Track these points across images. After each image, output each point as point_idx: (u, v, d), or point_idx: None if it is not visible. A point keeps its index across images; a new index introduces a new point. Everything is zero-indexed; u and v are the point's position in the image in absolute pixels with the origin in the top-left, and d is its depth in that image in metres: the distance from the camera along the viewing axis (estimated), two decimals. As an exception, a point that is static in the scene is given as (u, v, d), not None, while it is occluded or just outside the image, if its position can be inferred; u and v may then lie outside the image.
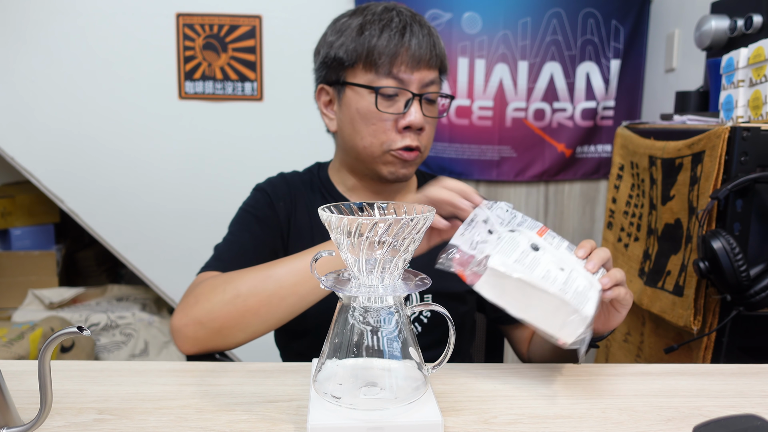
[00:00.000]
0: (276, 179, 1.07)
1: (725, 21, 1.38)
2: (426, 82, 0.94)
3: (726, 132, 1.05)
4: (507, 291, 0.70)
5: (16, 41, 2.04)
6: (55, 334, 0.53)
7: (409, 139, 0.94)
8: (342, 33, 0.95)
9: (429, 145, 1.00)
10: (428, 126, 0.97)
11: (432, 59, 0.94)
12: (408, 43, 0.92)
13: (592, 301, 0.68)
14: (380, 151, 0.95)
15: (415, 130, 0.95)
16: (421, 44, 0.92)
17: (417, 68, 0.93)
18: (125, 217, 2.18)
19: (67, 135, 2.11)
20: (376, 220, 0.56)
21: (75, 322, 2.24)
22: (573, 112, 2.23)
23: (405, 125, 0.93)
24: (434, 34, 0.96)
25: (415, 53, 0.92)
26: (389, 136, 0.94)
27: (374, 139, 0.95)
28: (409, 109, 0.93)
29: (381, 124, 0.94)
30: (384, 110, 0.93)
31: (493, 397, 0.71)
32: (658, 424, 0.65)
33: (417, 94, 0.93)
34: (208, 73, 2.13)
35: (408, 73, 0.92)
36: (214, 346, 0.85)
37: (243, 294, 0.81)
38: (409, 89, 0.93)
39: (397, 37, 0.92)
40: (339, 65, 0.95)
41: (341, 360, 0.62)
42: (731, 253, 0.98)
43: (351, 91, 0.95)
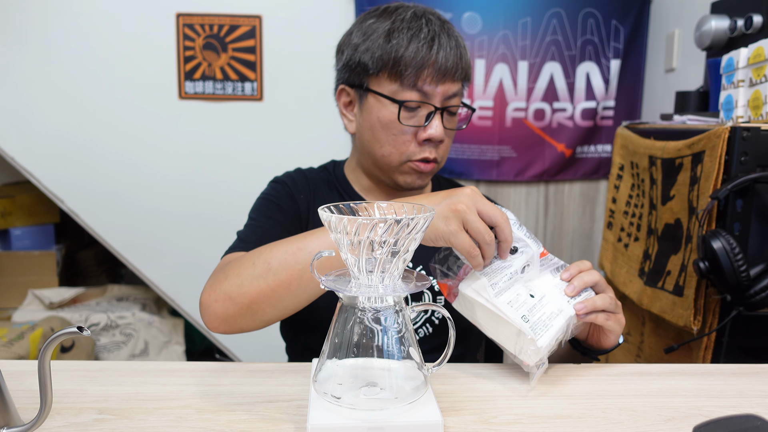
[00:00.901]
0: (294, 173, 1.07)
1: (725, 21, 1.38)
2: (449, 94, 0.94)
3: (726, 132, 1.05)
4: (477, 313, 0.75)
5: (16, 41, 2.04)
6: (55, 334, 0.53)
7: (427, 151, 0.95)
8: (368, 37, 0.93)
9: (446, 155, 1.00)
10: (447, 138, 0.97)
11: (458, 72, 0.93)
12: (435, 56, 0.90)
13: (553, 330, 0.72)
14: (398, 161, 0.96)
15: (435, 143, 0.95)
16: (448, 57, 0.91)
17: (442, 81, 0.92)
18: (125, 217, 2.18)
19: (67, 135, 2.11)
20: (376, 220, 0.56)
21: (75, 322, 2.24)
22: (573, 112, 2.23)
23: (425, 138, 0.93)
24: (461, 45, 0.95)
25: (441, 66, 0.91)
26: (408, 147, 0.95)
27: (393, 149, 0.95)
28: (431, 122, 0.93)
29: (402, 136, 0.94)
30: (406, 123, 0.93)
31: (493, 397, 0.71)
32: (658, 424, 0.65)
33: (439, 108, 0.93)
34: (208, 73, 2.13)
35: (432, 85, 0.92)
36: (243, 324, 0.79)
37: (274, 267, 0.76)
38: (432, 102, 0.92)
39: (425, 49, 0.90)
40: (363, 70, 0.94)
41: (341, 360, 0.62)
42: (731, 253, 0.98)
43: (373, 99, 0.94)
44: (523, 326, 0.71)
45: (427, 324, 0.97)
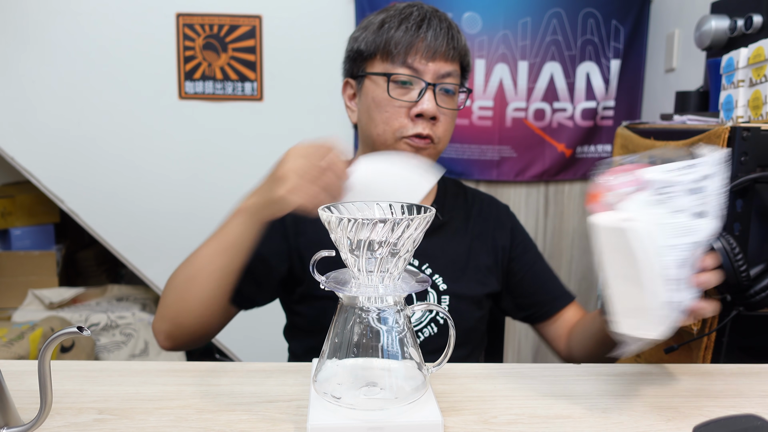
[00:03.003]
0: None
1: (725, 21, 1.38)
2: (442, 73, 0.95)
3: (726, 132, 1.05)
4: (618, 251, 0.59)
5: (16, 41, 2.04)
6: (55, 334, 0.53)
7: (420, 126, 0.95)
8: (366, 29, 0.98)
9: (445, 138, 1.00)
10: (444, 118, 0.97)
11: (449, 51, 0.95)
12: (424, 34, 0.94)
13: (673, 317, 0.63)
14: (393, 138, 0.96)
15: (428, 118, 0.95)
16: (438, 35, 0.94)
17: (432, 59, 0.94)
18: (125, 217, 2.18)
19: (67, 135, 2.11)
20: (376, 220, 0.56)
21: (75, 322, 2.24)
22: (573, 112, 2.23)
23: (417, 113, 0.94)
24: (454, 28, 0.97)
25: (430, 44, 0.93)
26: (401, 122, 0.95)
27: (387, 126, 0.96)
28: (422, 99, 0.94)
29: (394, 111, 0.95)
30: (397, 97, 0.95)
31: (493, 397, 0.71)
32: (658, 424, 0.65)
33: (431, 83, 0.94)
34: (208, 73, 2.13)
35: (423, 63, 0.94)
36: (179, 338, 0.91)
37: (180, 278, 0.89)
38: (423, 78, 0.94)
39: (414, 29, 0.94)
40: (360, 57, 0.98)
41: (341, 360, 0.62)
42: (731, 253, 0.98)
43: (369, 81, 0.98)
44: (661, 299, 0.60)
45: (432, 324, 0.97)
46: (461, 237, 1.05)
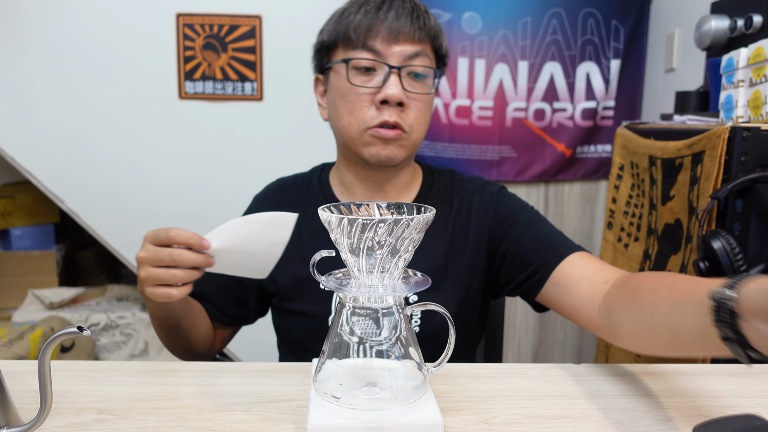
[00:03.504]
0: (270, 189, 1.06)
1: (725, 21, 1.38)
2: (408, 54, 0.88)
3: (726, 132, 1.05)
4: None
5: (16, 41, 2.04)
6: (55, 334, 0.53)
7: (387, 114, 0.88)
8: (329, 21, 0.95)
9: (418, 127, 0.92)
10: (415, 104, 0.90)
11: (414, 32, 0.88)
12: (384, 16, 0.87)
13: None
14: (358, 130, 0.90)
15: (395, 105, 0.88)
16: (400, 16, 0.87)
17: (395, 41, 0.87)
18: (125, 217, 2.18)
19: (67, 135, 2.11)
20: (376, 220, 0.56)
21: (75, 322, 2.24)
22: (573, 112, 2.23)
23: (381, 99, 0.87)
24: (420, 9, 0.90)
25: (392, 25, 0.87)
26: (366, 112, 0.89)
27: (351, 117, 0.90)
28: (387, 83, 0.87)
29: (357, 100, 0.89)
30: (358, 84, 0.89)
31: (493, 397, 0.71)
32: (658, 424, 0.65)
33: (395, 66, 0.88)
34: (208, 73, 2.13)
35: (385, 45, 0.88)
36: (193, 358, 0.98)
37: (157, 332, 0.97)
38: (386, 62, 0.88)
39: (373, 12, 0.88)
40: (324, 50, 0.95)
41: (341, 360, 0.62)
42: (731, 253, 0.98)
43: (333, 73, 0.93)
44: None
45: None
46: (440, 239, 0.97)
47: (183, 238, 0.75)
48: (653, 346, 0.66)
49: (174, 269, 0.75)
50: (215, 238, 0.77)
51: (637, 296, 0.68)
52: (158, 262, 0.75)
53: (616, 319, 0.72)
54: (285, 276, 0.96)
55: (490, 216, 0.97)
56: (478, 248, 0.96)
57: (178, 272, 0.76)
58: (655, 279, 0.68)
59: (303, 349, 0.96)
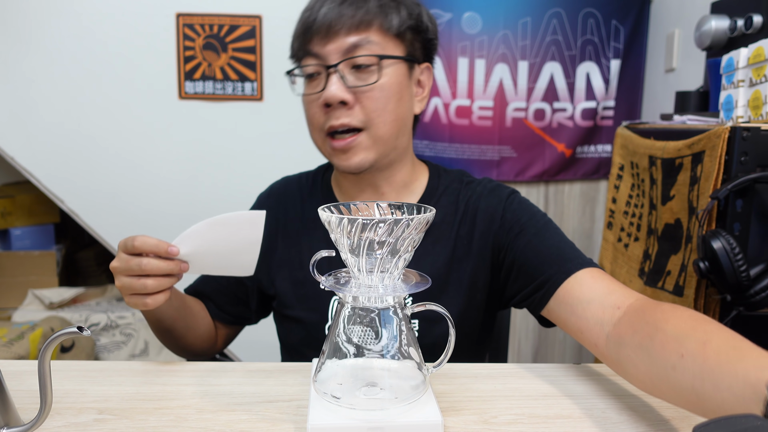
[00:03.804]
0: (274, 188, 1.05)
1: (725, 21, 1.38)
2: (346, 48, 0.83)
3: (726, 132, 1.05)
4: None
5: (16, 41, 2.04)
6: (55, 334, 0.53)
7: (333, 117, 0.84)
8: None
9: (380, 118, 0.85)
10: (367, 96, 0.84)
11: (345, 21, 0.82)
12: (316, 14, 0.83)
13: None
14: (320, 139, 0.88)
15: (339, 105, 0.84)
16: (332, 10, 0.82)
17: (328, 38, 0.83)
18: (125, 217, 2.18)
19: (67, 135, 2.11)
20: (376, 220, 0.56)
21: (75, 322, 2.24)
22: (573, 112, 2.23)
23: (322, 103, 0.84)
24: None
25: (323, 22, 0.82)
26: (319, 119, 0.86)
27: (312, 127, 0.89)
28: (327, 84, 0.83)
29: (310, 108, 0.87)
30: (307, 93, 0.87)
31: (493, 397, 0.71)
32: (658, 424, 0.65)
33: (331, 65, 0.83)
34: (208, 73, 2.13)
35: (320, 45, 0.83)
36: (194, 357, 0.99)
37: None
38: (325, 63, 0.83)
39: (307, 15, 0.85)
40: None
41: (341, 360, 0.62)
42: (731, 253, 0.98)
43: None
44: None
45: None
46: (443, 244, 0.91)
47: (148, 246, 0.74)
48: (667, 396, 0.58)
49: (145, 278, 0.74)
50: (184, 243, 0.75)
51: (658, 338, 0.59)
52: (129, 272, 0.74)
53: (627, 355, 0.64)
54: (283, 279, 0.96)
55: (496, 223, 0.90)
56: (483, 257, 0.90)
57: (149, 281, 0.74)
58: (682, 323, 0.58)
59: (301, 355, 0.96)
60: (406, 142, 0.93)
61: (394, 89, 0.86)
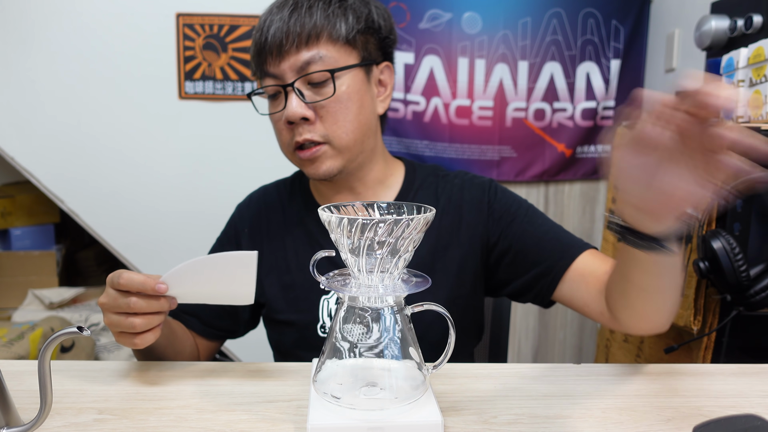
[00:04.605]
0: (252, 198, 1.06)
1: (725, 21, 1.38)
2: (299, 65, 0.83)
3: (726, 132, 1.05)
4: None
5: (16, 41, 2.04)
6: (55, 334, 0.53)
7: (297, 134, 0.86)
8: None
9: (341, 130, 0.86)
10: (326, 110, 0.85)
11: (293, 39, 0.82)
12: (266, 35, 0.83)
13: None
14: (289, 153, 0.91)
15: (300, 122, 0.85)
16: (279, 30, 0.82)
17: (281, 58, 0.83)
18: (125, 217, 2.18)
19: (67, 135, 2.11)
20: (377, 220, 0.56)
21: (75, 322, 2.24)
22: (573, 112, 2.23)
23: (285, 120, 0.86)
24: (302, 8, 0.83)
25: (273, 42, 0.83)
26: (285, 136, 0.89)
27: (280, 143, 0.92)
28: (287, 103, 0.85)
29: (276, 125, 0.90)
30: (271, 112, 0.90)
31: (493, 397, 0.71)
32: (658, 424, 0.65)
33: (287, 84, 0.84)
34: (208, 73, 2.13)
35: (276, 66, 0.84)
36: None
37: None
38: (282, 82, 0.85)
39: (258, 35, 0.85)
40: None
41: (341, 360, 0.62)
42: (731, 253, 0.98)
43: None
44: None
45: None
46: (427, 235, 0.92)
47: (134, 285, 0.69)
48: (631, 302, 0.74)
49: (133, 317, 0.70)
50: (173, 281, 0.70)
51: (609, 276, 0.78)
52: (117, 309, 0.70)
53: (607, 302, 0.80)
54: (271, 285, 0.96)
55: (484, 213, 0.93)
56: (471, 245, 0.93)
57: (137, 320, 0.70)
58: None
59: (295, 357, 0.96)
60: (374, 143, 0.94)
61: (353, 97, 0.87)
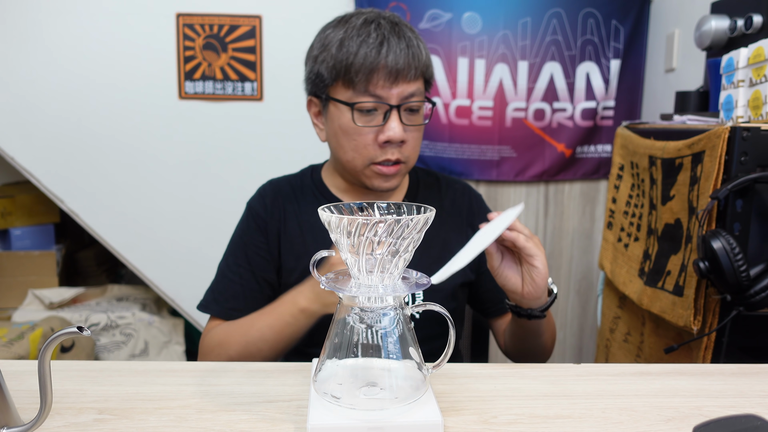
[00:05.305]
0: (266, 189, 1.08)
1: (725, 21, 1.38)
2: (406, 95, 0.94)
3: (726, 132, 1.05)
4: None
5: (16, 41, 2.04)
6: (55, 334, 0.53)
7: (389, 153, 0.95)
8: (324, 48, 0.95)
9: (414, 154, 1.00)
10: (411, 135, 0.96)
11: (410, 72, 0.93)
12: (384, 60, 0.91)
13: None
14: (362, 165, 0.97)
15: (396, 143, 0.94)
16: (398, 59, 0.91)
17: (395, 83, 0.92)
18: (125, 217, 2.18)
19: (67, 135, 2.11)
20: (376, 220, 0.56)
21: (75, 322, 2.24)
22: (573, 112, 2.23)
23: (384, 140, 0.93)
24: (414, 45, 0.94)
25: (391, 69, 0.91)
26: (370, 151, 0.95)
27: (356, 154, 0.96)
28: (388, 123, 0.93)
29: (361, 139, 0.95)
30: (363, 125, 0.94)
31: (493, 397, 0.71)
32: (658, 424, 0.65)
33: (395, 106, 0.93)
34: (208, 73, 2.13)
35: (386, 89, 0.92)
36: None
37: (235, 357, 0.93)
38: (387, 103, 0.93)
39: (374, 54, 0.91)
40: (321, 81, 0.96)
41: (341, 360, 0.62)
42: (731, 253, 0.98)
43: (333, 107, 0.96)
44: None
45: None
46: (436, 230, 1.04)
47: None
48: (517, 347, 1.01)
49: None
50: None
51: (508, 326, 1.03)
52: None
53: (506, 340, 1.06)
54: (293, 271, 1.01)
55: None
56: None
57: None
58: None
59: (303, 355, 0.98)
60: None
61: (424, 128, 1.01)
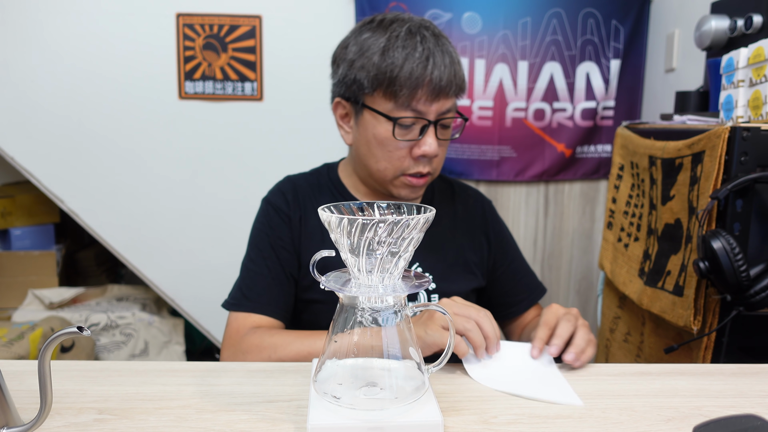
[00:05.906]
0: (284, 185, 1.07)
1: (725, 21, 1.38)
2: (443, 110, 0.95)
3: (726, 132, 1.05)
4: None
5: (17, 40, 2.04)
6: (55, 334, 0.53)
7: (421, 165, 0.97)
8: (363, 53, 0.93)
9: (440, 166, 1.02)
10: (441, 149, 0.98)
11: (451, 89, 0.94)
12: (430, 76, 0.91)
13: None
14: (393, 175, 0.98)
15: (429, 157, 0.96)
16: (443, 76, 0.92)
17: (436, 99, 0.93)
18: (125, 217, 2.18)
19: (67, 135, 2.11)
20: (376, 220, 0.56)
21: (75, 322, 2.24)
22: (573, 112, 2.23)
23: (420, 154, 0.95)
24: (455, 61, 0.96)
25: (435, 86, 0.92)
26: (403, 162, 0.96)
27: (389, 165, 0.97)
28: (425, 138, 0.94)
29: (396, 152, 0.95)
30: (401, 138, 0.94)
31: (493, 397, 0.71)
32: (658, 424, 0.65)
33: (433, 122, 0.94)
34: (208, 73, 2.13)
35: (427, 104, 0.93)
36: None
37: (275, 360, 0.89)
38: (426, 118, 0.94)
39: (420, 69, 0.90)
40: (359, 87, 0.94)
41: (341, 360, 0.62)
42: (731, 253, 0.98)
43: (369, 115, 0.95)
44: None
45: None
46: (450, 234, 1.07)
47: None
48: None
49: None
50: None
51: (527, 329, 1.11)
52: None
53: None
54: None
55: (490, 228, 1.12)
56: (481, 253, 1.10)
57: None
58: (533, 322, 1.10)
59: None
60: None
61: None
